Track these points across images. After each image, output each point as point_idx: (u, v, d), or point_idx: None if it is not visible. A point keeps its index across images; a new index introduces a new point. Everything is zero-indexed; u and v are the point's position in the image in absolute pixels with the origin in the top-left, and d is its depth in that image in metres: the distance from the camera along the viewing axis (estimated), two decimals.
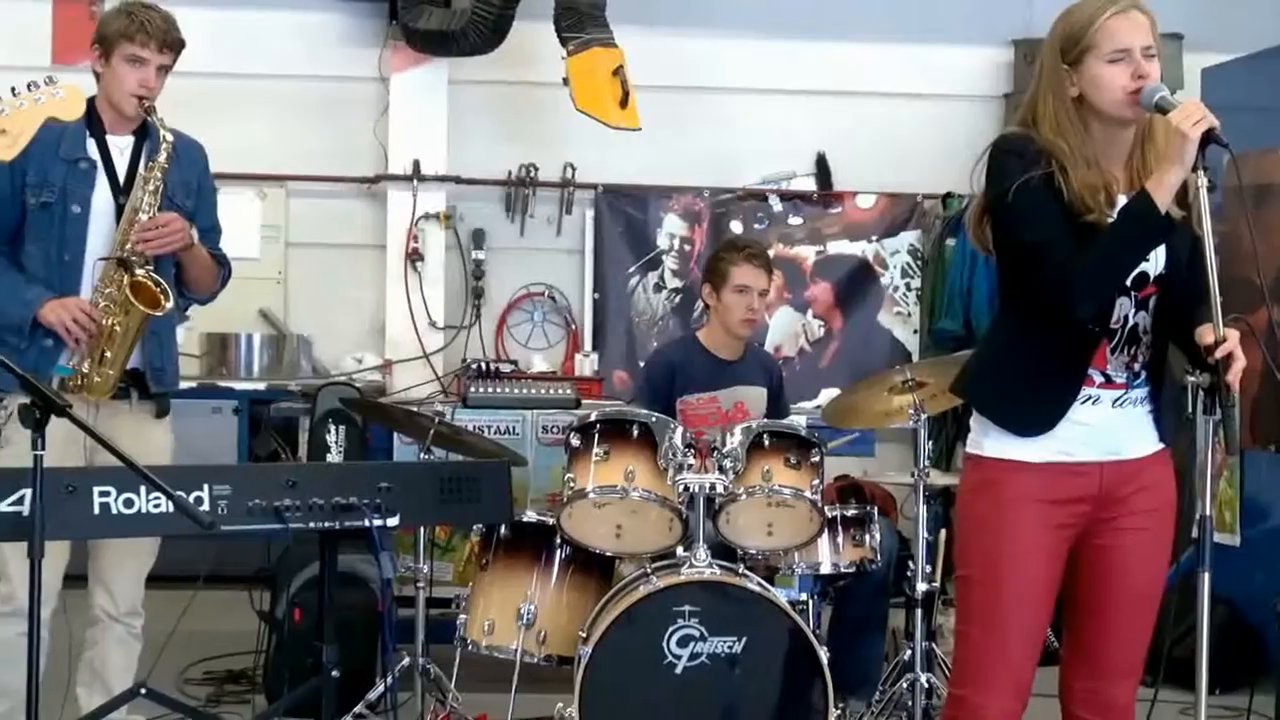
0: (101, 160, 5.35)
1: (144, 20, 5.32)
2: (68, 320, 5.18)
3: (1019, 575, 4.13)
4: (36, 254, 5.29)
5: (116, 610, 5.47)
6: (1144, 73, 3.99)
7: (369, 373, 9.69)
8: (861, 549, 6.22)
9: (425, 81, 9.81)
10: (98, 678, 5.47)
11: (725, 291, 6.68)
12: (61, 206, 5.28)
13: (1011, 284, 4.25)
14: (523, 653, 5.90)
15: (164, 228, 5.28)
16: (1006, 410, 4.17)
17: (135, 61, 5.31)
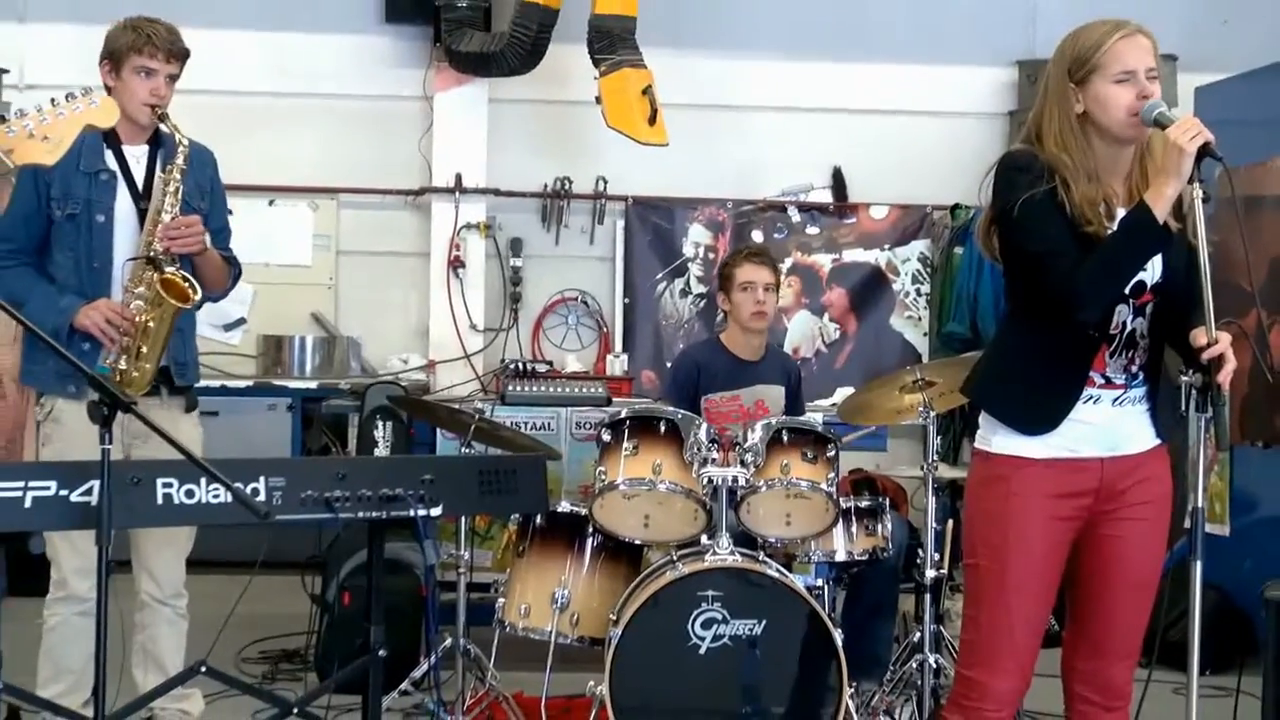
0: (120, 170, 5.34)
1: (150, 33, 5.31)
2: (101, 322, 5.17)
3: (1024, 563, 4.12)
4: (65, 262, 5.29)
5: (162, 594, 5.48)
6: (1148, 93, 3.99)
7: (414, 372, 9.70)
8: (874, 538, 6.20)
9: (467, 100, 9.82)
10: (150, 658, 5.48)
11: (734, 292, 6.71)
12: (87, 217, 5.27)
13: (1018, 291, 4.24)
14: (557, 634, 5.89)
15: (187, 229, 5.28)
16: (1014, 410, 4.16)
17: (146, 73, 5.29)
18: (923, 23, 10.14)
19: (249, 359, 9.68)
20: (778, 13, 10.09)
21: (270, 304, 9.78)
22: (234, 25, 9.73)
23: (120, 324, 5.18)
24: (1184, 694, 3.95)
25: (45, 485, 4.21)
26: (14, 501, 4.16)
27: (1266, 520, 7.70)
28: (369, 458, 7.56)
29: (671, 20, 9.55)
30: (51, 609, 5.28)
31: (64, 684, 5.26)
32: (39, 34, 9.68)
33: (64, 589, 5.23)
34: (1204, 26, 9.83)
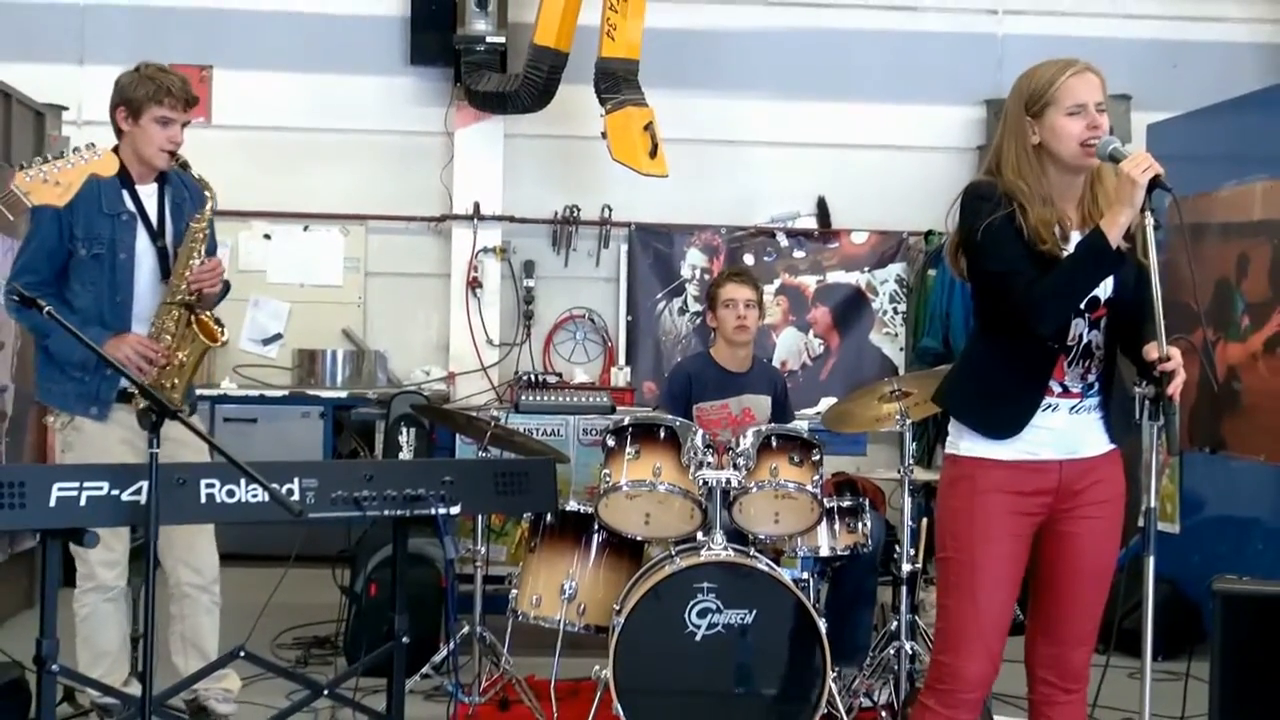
0: (137, 210, 5.34)
1: (168, 85, 5.29)
2: (131, 354, 5.18)
3: (990, 554, 4.12)
4: (87, 295, 5.27)
5: (203, 581, 5.46)
6: (1097, 124, 4.02)
7: (435, 383, 9.69)
8: (855, 535, 6.19)
9: (484, 135, 9.83)
10: (190, 644, 5.45)
11: (719, 309, 6.72)
12: (111, 255, 5.27)
13: (983, 307, 4.24)
14: (565, 622, 5.89)
15: (214, 272, 5.33)
16: (980, 416, 4.16)
17: (164, 122, 5.29)
18: (899, 66, 10.14)
19: (285, 370, 9.68)
20: (768, 56, 10.10)
21: (304, 321, 9.78)
22: (274, 68, 9.75)
23: (150, 356, 5.19)
24: (1138, 678, 3.94)
25: (99, 485, 4.22)
26: (71, 500, 4.16)
27: (1213, 519, 7.68)
28: (394, 461, 7.56)
29: (671, 63, 9.55)
30: (80, 600, 5.28)
31: (103, 666, 5.26)
32: (96, 75, 9.63)
33: (92, 580, 5.23)
34: (1155, 69, 9.85)
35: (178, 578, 5.44)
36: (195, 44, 9.53)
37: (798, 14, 10.12)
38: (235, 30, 9.75)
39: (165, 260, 5.33)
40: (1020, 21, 10.16)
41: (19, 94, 7.91)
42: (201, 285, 5.28)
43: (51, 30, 9.70)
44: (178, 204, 5.40)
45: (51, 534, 4.23)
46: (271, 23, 9.87)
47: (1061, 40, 9.35)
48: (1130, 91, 9.17)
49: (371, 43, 9.92)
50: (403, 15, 9.83)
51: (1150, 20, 10.15)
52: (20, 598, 7.80)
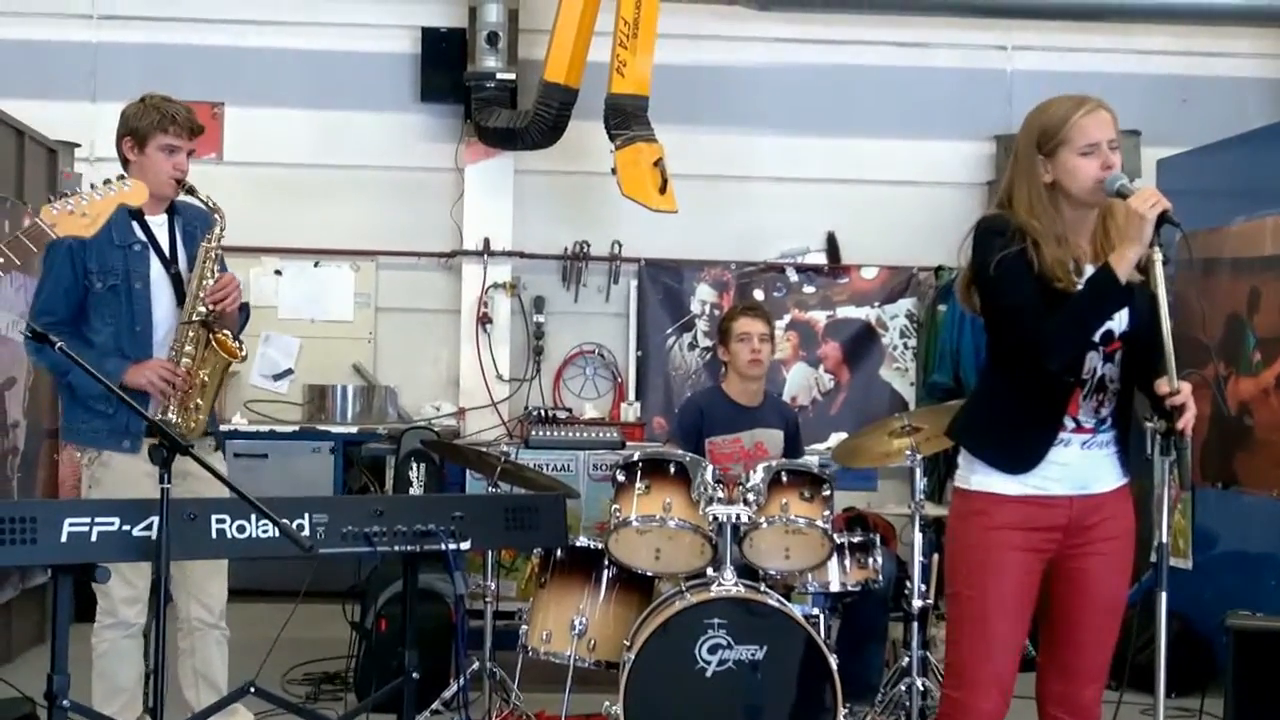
0: (149, 240, 5.34)
1: (173, 114, 5.32)
2: (154, 379, 5.18)
3: (1001, 589, 4.11)
4: (106, 329, 5.27)
5: (212, 617, 5.44)
6: (1110, 163, 4.02)
7: (445, 418, 9.69)
8: (866, 570, 6.18)
9: (494, 171, 9.85)
10: (201, 678, 5.43)
11: (732, 343, 6.72)
12: (126, 286, 5.27)
13: (995, 342, 4.24)
14: (575, 658, 5.87)
15: (229, 285, 5.32)
16: (995, 452, 4.15)
17: (170, 150, 5.31)
18: (909, 102, 10.16)
19: (295, 406, 9.69)
20: (778, 92, 10.13)
21: (315, 356, 9.80)
22: (285, 105, 9.79)
23: (172, 379, 5.20)
24: (1151, 715, 3.93)
25: (109, 521, 4.22)
26: (82, 536, 4.16)
27: (1225, 555, 7.66)
28: (404, 496, 7.56)
29: (681, 99, 9.57)
30: (100, 635, 5.25)
31: (119, 703, 5.24)
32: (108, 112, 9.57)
33: (113, 616, 5.21)
34: (1165, 105, 9.87)
35: (188, 612, 5.43)
36: (207, 81, 9.57)
37: (807, 50, 10.15)
38: (247, 67, 9.79)
39: (180, 287, 5.34)
40: (1029, 57, 10.18)
41: (32, 131, 7.94)
42: (220, 300, 5.28)
43: (64, 68, 9.75)
44: (189, 231, 5.41)
45: (62, 569, 4.23)
46: (283, 60, 9.92)
47: (1071, 76, 9.38)
48: (1140, 127, 9.18)
49: (382, 80, 9.96)
50: (413, 53, 9.88)
51: (1160, 56, 10.17)
52: (32, 633, 7.80)
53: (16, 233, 3.56)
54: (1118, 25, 9.97)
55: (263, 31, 9.91)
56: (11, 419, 7.38)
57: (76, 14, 9.82)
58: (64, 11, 9.82)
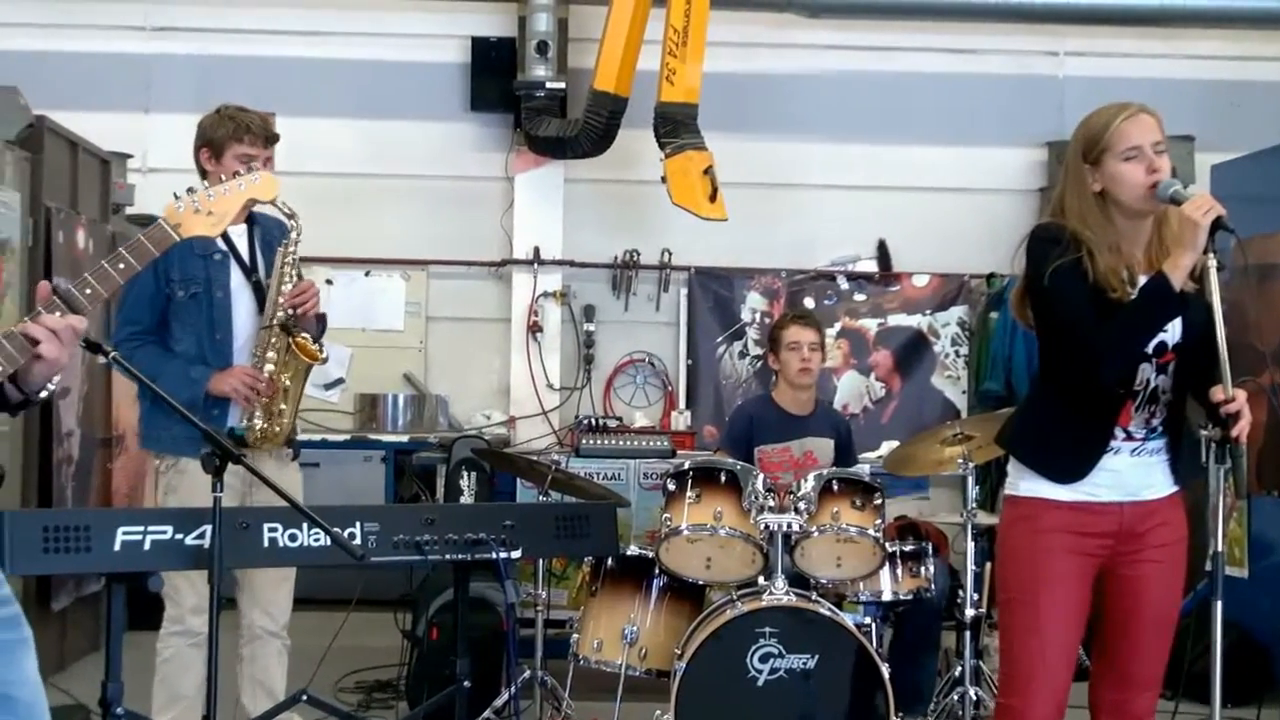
0: (229, 249, 5.39)
1: (249, 123, 5.36)
2: (239, 385, 5.23)
3: (1053, 595, 4.09)
4: (188, 337, 5.32)
5: (275, 626, 5.48)
6: (1156, 166, 4.01)
7: (496, 427, 9.71)
8: (918, 579, 6.15)
9: (544, 180, 9.88)
10: (260, 686, 5.47)
11: (782, 351, 6.70)
12: (208, 295, 5.32)
13: (1049, 353, 4.22)
14: (626, 667, 5.87)
15: (309, 292, 5.36)
16: (1045, 460, 4.14)
17: (246, 159, 5.34)
18: (960, 108, 10.14)
19: (347, 415, 9.73)
20: (828, 100, 10.11)
21: (366, 365, 9.84)
22: (336, 115, 9.84)
23: (256, 385, 5.23)
24: None
25: (163, 530, 4.26)
26: (135, 544, 4.19)
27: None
28: (455, 505, 7.57)
29: (731, 107, 9.57)
30: (166, 642, 5.28)
31: (178, 709, 5.27)
32: (161, 123, 9.80)
33: (180, 624, 5.24)
34: (1218, 110, 9.80)
35: (251, 620, 5.47)
36: (259, 91, 9.57)
37: (857, 57, 10.14)
38: (298, 78, 9.84)
39: (260, 295, 5.39)
40: (1081, 63, 10.14)
41: (85, 142, 8.01)
42: (300, 304, 5.33)
43: (117, 79, 9.83)
44: (268, 241, 5.46)
45: (116, 578, 4.26)
46: (334, 70, 9.97)
47: (1123, 81, 9.32)
48: (1193, 132, 9.13)
49: (432, 89, 10.00)
50: (463, 62, 9.91)
51: (1212, 61, 10.10)
52: (86, 641, 7.86)
53: (139, 235, 3.43)
54: (1170, 30, 9.91)
55: (314, 42, 9.97)
56: (66, 428, 7.44)
57: (130, 26, 9.91)
58: (117, 24, 9.90)
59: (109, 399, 8.07)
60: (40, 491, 7.19)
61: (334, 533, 4.23)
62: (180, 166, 9.39)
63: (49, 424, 7.22)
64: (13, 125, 7.19)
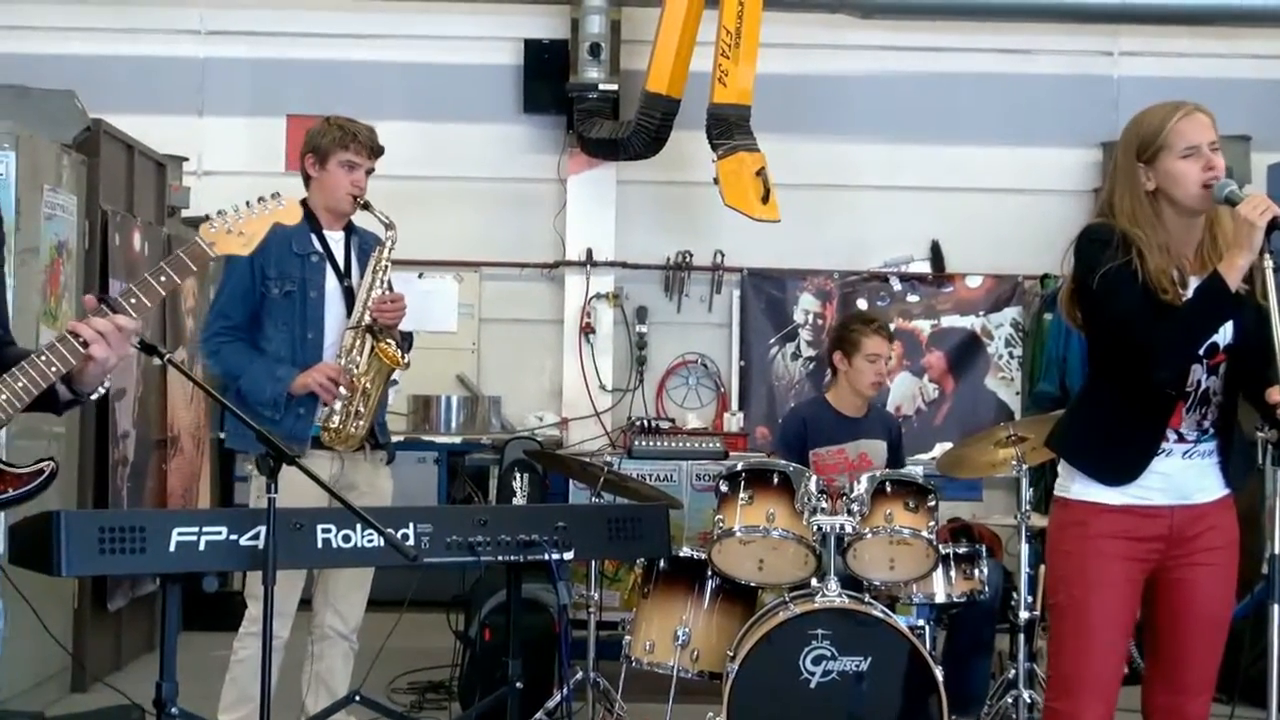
0: (325, 253, 5.46)
1: (354, 132, 5.51)
2: (323, 379, 5.29)
3: (1103, 599, 4.08)
4: (279, 336, 5.41)
5: (346, 628, 5.52)
6: (1213, 164, 3.98)
7: (548, 429, 9.73)
8: (971, 581, 6.13)
9: (597, 182, 9.90)
10: (324, 686, 5.51)
11: (857, 358, 6.64)
12: (301, 294, 5.41)
13: (1100, 354, 4.20)
14: (679, 668, 5.87)
15: (397, 303, 5.40)
16: (1096, 462, 4.12)
17: (350, 166, 5.45)
18: (1013, 108, 10.10)
19: (401, 416, 9.74)
20: (880, 101, 10.09)
21: (419, 367, 9.67)
22: (391, 117, 9.78)
23: (339, 379, 5.28)
24: None
25: (217, 530, 4.28)
26: (190, 545, 4.22)
27: None
28: (508, 506, 7.58)
29: (784, 108, 9.55)
30: (243, 641, 5.33)
31: (245, 710, 5.30)
32: (215, 127, 9.88)
33: (257, 624, 5.26)
34: (1274, 109, 9.71)
35: (323, 619, 5.52)
36: (312, 95, 9.66)
37: (909, 58, 10.10)
38: (352, 81, 9.87)
39: (352, 301, 5.49)
40: (1136, 63, 10.07)
41: (141, 145, 8.06)
42: (383, 311, 5.40)
43: (172, 83, 9.90)
44: (364, 250, 5.57)
45: (171, 578, 4.29)
46: (388, 73, 10.01)
47: (1178, 81, 9.25)
48: (1249, 132, 9.07)
49: (486, 92, 10.03)
50: (516, 64, 9.94)
51: (1269, 60, 10.00)
52: (141, 641, 7.91)
53: (178, 251, 3.64)
54: (1225, 29, 9.84)
55: (366, 45, 10.02)
56: (122, 429, 7.49)
57: (185, 30, 9.97)
58: (172, 28, 9.97)
59: (165, 401, 8.12)
60: (96, 492, 7.25)
61: (387, 534, 4.25)
62: (234, 169, 9.59)
63: (105, 425, 7.28)
64: (69, 129, 7.25)
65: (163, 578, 4.34)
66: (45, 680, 6.68)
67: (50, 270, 6.71)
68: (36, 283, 6.57)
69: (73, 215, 7.00)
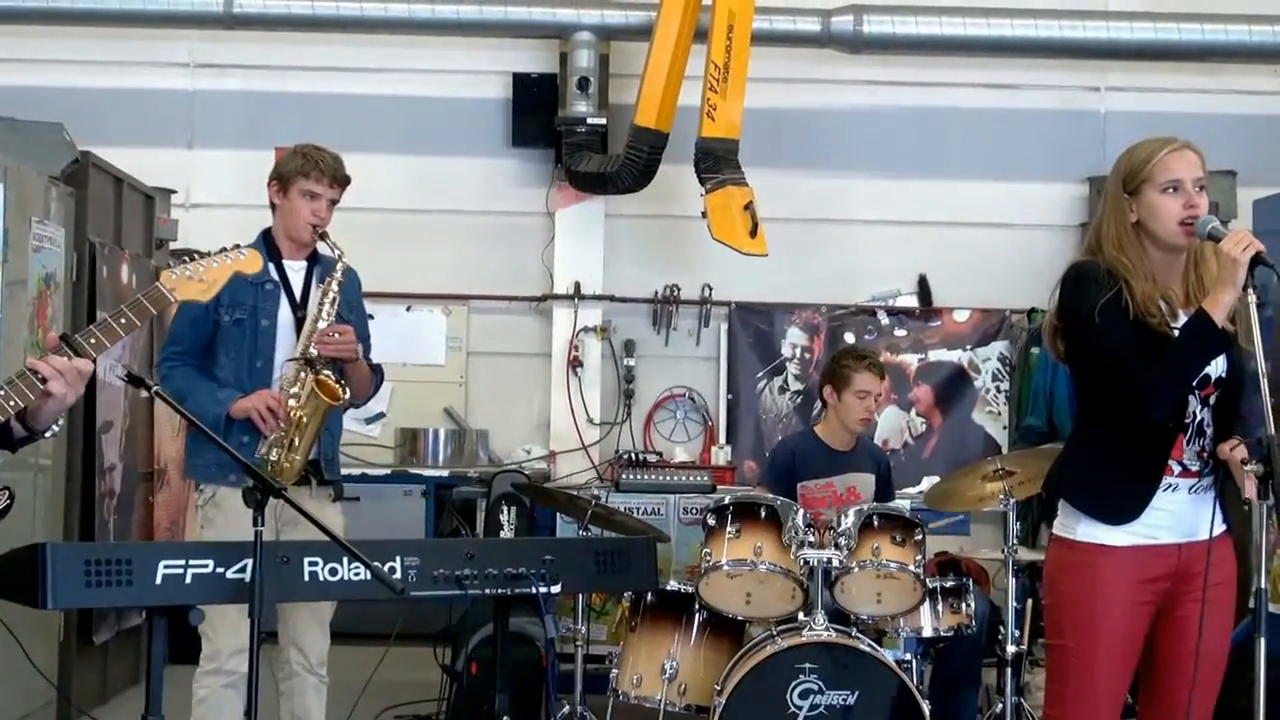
0: (282, 282, 5.44)
1: (318, 160, 5.44)
2: (260, 407, 5.24)
3: (1111, 646, 4.08)
4: (229, 363, 5.38)
5: (309, 664, 5.49)
6: (1194, 202, 4.02)
7: (536, 462, 9.71)
8: (958, 615, 6.14)
9: (585, 215, 9.91)
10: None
11: (847, 394, 6.64)
12: (253, 322, 5.38)
13: (1092, 390, 4.20)
14: (666, 702, 5.87)
15: (341, 336, 5.36)
16: (1099, 502, 4.11)
17: (310, 196, 5.41)
18: (1000, 143, 10.13)
19: (388, 449, 9.75)
20: (868, 135, 10.12)
21: (407, 400, 9.84)
22: (379, 150, 9.84)
23: (278, 411, 5.25)
24: None
25: (204, 563, 4.27)
26: (177, 578, 4.21)
27: None
28: (495, 539, 7.56)
29: (771, 143, 9.59)
30: (201, 681, 5.29)
31: None
32: (203, 159, 9.89)
33: (214, 663, 5.25)
34: (1261, 145, 9.74)
35: (288, 656, 5.49)
36: (301, 127, 9.58)
37: (897, 93, 10.14)
38: (341, 114, 9.87)
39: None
40: (1124, 98, 10.11)
41: (129, 178, 8.07)
42: (325, 348, 5.34)
43: (161, 115, 9.90)
44: (324, 279, 5.49)
45: (158, 611, 4.28)
46: (376, 106, 10.02)
47: (1166, 116, 9.29)
48: (1236, 167, 9.10)
49: (474, 125, 10.04)
50: (505, 98, 9.95)
51: (1255, 96, 10.04)
52: (128, 675, 7.89)
53: (139, 294, 3.72)
54: (1212, 65, 9.88)
55: (355, 79, 10.03)
56: (109, 462, 7.48)
57: (174, 63, 9.98)
58: (162, 60, 9.97)
59: (152, 433, 8.11)
60: (82, 525, 7.24)
61: (374, 567, 4.25)
62: (223, 201, 9.60)
63: (91, 458, 7.27)
64: (58, 161, 7.26)
65: (149, 610, 4.33)
66: (30, 714, 6.66)
67: (38, 302, 6.72)
68: (24, 314, 6.57)
69: (60, 247, 7.00)
